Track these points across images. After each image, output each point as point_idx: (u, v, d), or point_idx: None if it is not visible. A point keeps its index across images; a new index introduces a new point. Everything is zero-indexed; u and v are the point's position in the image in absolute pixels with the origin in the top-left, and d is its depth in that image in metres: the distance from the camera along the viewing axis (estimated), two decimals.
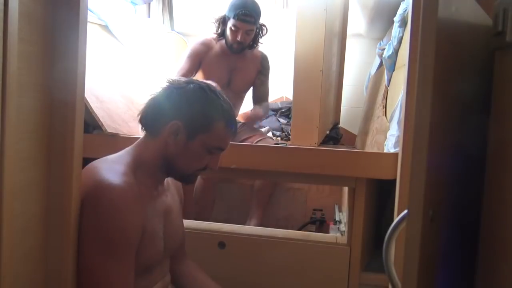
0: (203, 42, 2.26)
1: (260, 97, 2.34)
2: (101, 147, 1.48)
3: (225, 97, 1.09)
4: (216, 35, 2.23)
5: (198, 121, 1.03)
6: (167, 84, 1.09)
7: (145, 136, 1.08)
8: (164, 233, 1.09)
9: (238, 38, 2.13)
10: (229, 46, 2.19)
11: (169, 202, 1.14)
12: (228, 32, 2.15)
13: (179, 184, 1.24)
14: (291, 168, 1.43)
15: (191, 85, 1.06)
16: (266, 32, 2.26)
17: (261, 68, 2.34)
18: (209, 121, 1.03)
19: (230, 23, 2.12)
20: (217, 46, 2.26)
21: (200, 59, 2.23)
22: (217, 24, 2.20)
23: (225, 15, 2.16)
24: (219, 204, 2.48)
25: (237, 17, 2.09)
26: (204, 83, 1.09)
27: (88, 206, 0.92)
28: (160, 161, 1.05)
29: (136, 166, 1.03)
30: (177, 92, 1.05)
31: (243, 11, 2.08)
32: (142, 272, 1.02)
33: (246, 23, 2.11)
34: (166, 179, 1.14)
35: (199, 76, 2.23)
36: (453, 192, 0.69)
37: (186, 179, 1.11)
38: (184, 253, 1.29)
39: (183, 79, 1.14)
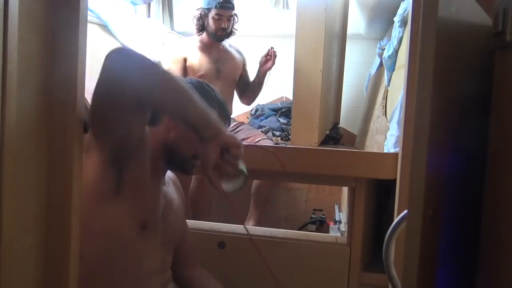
0: (180, 45, 2.44)
1: (247, 84, 2.53)
2: None
3: (218, 92, 1.18)
4: (196, 30, 2.36)
5: None
6: None
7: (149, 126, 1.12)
8: (163, 219, 1.12)
9: (222, 25, 2.29)
10: (213, 35, 2.32)
11: (170, 194, 1.18)
12: (210, 22, 2.30)
13: (179, 184, 1.28)
14: (291, 168, 1.43)
15: (190, 80, 1.18)
16: (238, 20, 2.42)
17: (244, 60, 2.52)
18: None
19: (212, 13, 2.28)
20: (198, 42, 2.38)
21: (183, 56, 2.35)
22: (197, 19, 2.34)
23: (203, 8, 2.31)
24: (219, 204, 2.47)
25: (219, 5, 2.26)
26: (200, 80, 1.20)
27: None
28: (161, 147, 1.10)
29: None
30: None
31: None
32: (139, 232, 1.03)
33: (228, 10, 2.29)
34: (166, 176, 1.18)
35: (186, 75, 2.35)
36: (453, 192, 0.69)
37: (185, 165, 1.13)
38: (195, 259, 1.29)
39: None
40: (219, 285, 1.27)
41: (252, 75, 2.55)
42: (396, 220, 0.75)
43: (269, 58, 2.34)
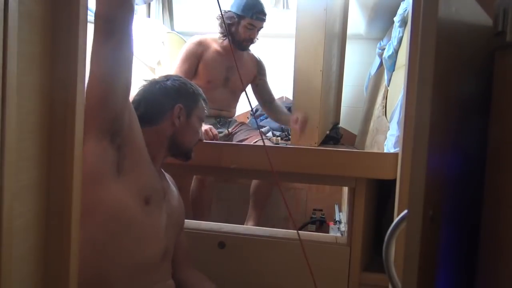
0: (199, 42, 2.27)
1: (269, 96, 2.44)
2: None
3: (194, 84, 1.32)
4: (220, 34, 2.25)
5: (191, 100, 1.24)
6: (150, 81, 1.26)
7: (143, 126, 1.15)
8: (167, 200, 1.18)
9: (252, 36, 2.22)
10: (238, 43, 2.23)
11: (168, 181, 1.25)
12: (240, 30, 2.20)
13: (173, 181, 1.32)
14: (291, 168, 1.43)
15: (173, 77, 1.28)
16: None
17: (259, 69, 2.40)
18: (196, 98, 1.26)
19: (245, 22, 2.18)
20: (215, 45, 2.28)
21: (198, 58, 2.25)
22: (226, 22, 2.21)
23: (235, 14, 2.19)
24: (219, 204, 2.48)
25: (255, 16, 2.17)
26: (180, 76, 1.32)
27: None
28: (165, 141, 1.19)
29: None
30: (169, 83, 1.24)
31: (260, 10, 2.18)
32: (142, 203, 1.07)
33: (262, 21, 2.22)
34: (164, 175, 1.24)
35: (195, 76, 2.25)
36: (453, 192, 0.69)
37: (189, 154, 1.25)
38: (188, 262, 1.31)
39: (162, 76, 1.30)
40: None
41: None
42: (396, 220, 0.75)
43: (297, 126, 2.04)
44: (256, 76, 2.40)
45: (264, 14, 2.21)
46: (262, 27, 2.24)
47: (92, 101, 0.97)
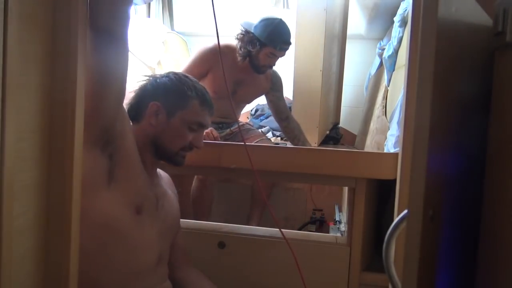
0: (214, 51, 2.10)
1: (282, 113, 2.31)
2: None
3: (198, 82, 1.21)
4: (241, 58, 2.13)
5: (174, 99, 1.14)
6: (146, 77, 1.20)
7: (132, 124, 1.14)
8: (160, 207, 1.15)
9: (272, 64, 2.12)
10: (255, 67, 2.13)
11: (163, 186, 1.21)
12: (261, 57, 2.09)
13: (171, 182, 1.31)
14: (291, 168, 1.43)
15: (170, 74, 1.19)
16: None
17: (272, 85, 2.28)
18: (184, 98, 1.14)
19: (267, 50, 2.07)
20: (230, 56, 2.15)
21: (208, 68, 2.13)
22: (246, 49, 2.10)
23: (257, 39, 2.06)
24: (219, 204, 2.47)
25: (279, 47, 2.05)
26: (176, 72, 1.22)
27: None
28: (148, 142, 1.13)
29: None
30: (154, 79, 1.17)
31: (286, 40, 2.07)
32: (134, 212, 1.05)
33: (285, 51, 2.10)
34: (158, 172, 1.22)
35: (202, 81, 2.16)
36: (453, 192, 0.69)
37: (174, 159, 1.16)
38: (187, 260, 1.30)
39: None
40: (213, 286, 1.27)
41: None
42: (396, 220, 0.75)
43: None
44: (269, 92, 2.28)
45: (289, 44, 2.08)
46: (284, 55, 2.13)
47: None
